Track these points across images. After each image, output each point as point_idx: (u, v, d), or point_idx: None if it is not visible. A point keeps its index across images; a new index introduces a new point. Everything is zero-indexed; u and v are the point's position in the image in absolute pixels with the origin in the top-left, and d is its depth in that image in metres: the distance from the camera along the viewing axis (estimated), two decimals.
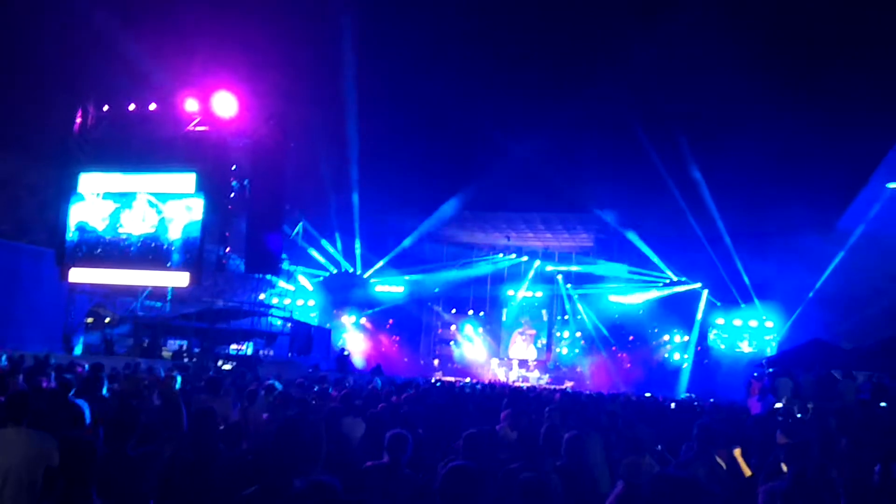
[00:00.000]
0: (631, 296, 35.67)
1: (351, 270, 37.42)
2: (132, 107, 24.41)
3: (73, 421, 5.48)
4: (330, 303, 37.13)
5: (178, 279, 23.54)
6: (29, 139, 24.15)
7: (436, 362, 39.09)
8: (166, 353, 22.97)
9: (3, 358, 12.94)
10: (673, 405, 14.21)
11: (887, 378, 17.50)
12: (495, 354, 38.49)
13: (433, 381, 21.61)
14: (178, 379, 10.33)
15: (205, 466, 5.20)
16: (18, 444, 4.81)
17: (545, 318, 38.99)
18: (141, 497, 4.70)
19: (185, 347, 23.91)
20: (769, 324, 32.63)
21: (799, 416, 15.99)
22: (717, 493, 4.99)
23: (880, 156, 16.43)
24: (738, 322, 33.56)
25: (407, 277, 38.55)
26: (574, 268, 38.17)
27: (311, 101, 26.05)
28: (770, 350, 30.71)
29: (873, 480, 5.57)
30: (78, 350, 22.42)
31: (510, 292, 39.30)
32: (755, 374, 22.75)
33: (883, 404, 15.90)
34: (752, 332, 33.48)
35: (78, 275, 23.84)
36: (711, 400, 20.94)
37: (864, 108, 19.98)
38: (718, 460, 5.87)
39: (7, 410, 5.09)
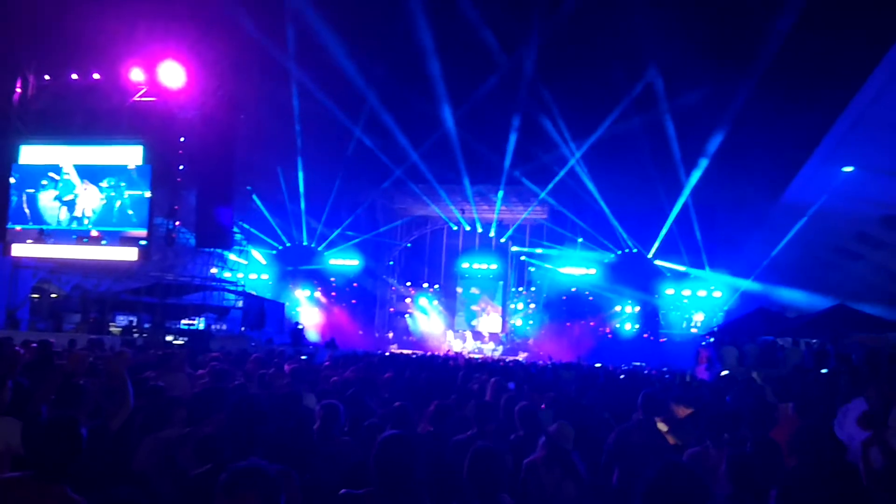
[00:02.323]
0: (583, 267, 36.12)
1: (305, 244, 37.15)
2: (75, 76, 23.70)
3: None
4: (284, 276, 36.85)
5: (127, 253, 23.07)
6: None
7: (390, 335, 39.18)
8: (115, 329, 22.56)
9: None
10: (622, 375, 14.47)
11: (830, 345, 18.11)
12: (450, 327, 38.72)
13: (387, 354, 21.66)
14: None
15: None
16: None
17: (500, 290, 39.33)
18: (87, 471, 4.66)
19: (134, 323, 23.54)
20: (717, 293, 33.38)
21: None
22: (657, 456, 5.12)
23: (821, 133, 16.90)
24: (687, 292, 34.28)
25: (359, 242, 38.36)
26: (528, 240, 38.50)
27: (259, 73, 25.55)
28: (717, 319, 31.47)
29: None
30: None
31: (465, 265, 39.50)
32: (703, 343, 23.33)
33: (824, 371, 16.44)
34: (702, 302, 34.26)
35: (22, 250, 23.20)
36: (665, 369, 21.43)
37: (810, 83, 20.45)
38: (660, 425, 6.04)
39: None
